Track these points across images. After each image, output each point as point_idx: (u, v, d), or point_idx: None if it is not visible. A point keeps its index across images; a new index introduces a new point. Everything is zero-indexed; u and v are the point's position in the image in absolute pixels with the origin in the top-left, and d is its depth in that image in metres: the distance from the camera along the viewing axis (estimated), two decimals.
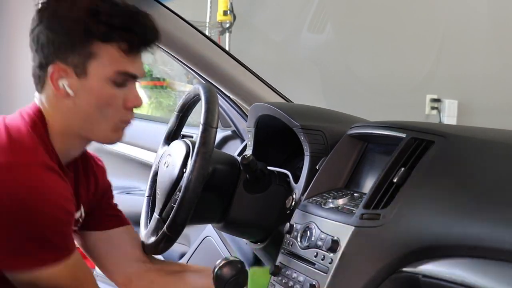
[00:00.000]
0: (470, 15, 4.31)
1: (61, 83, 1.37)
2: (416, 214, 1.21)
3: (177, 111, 1.75)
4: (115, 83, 1.38)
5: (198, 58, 1.96)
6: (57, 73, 1.36)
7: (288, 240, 1.46)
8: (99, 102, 1.38)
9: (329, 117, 1.68)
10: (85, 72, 1.36)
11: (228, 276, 1.46)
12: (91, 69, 1.36)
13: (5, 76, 3.75)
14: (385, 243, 1.23)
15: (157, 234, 1.55)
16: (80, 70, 1.36)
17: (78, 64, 1.35)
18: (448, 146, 1.27)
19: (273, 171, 1.64)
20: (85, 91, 1.37)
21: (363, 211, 1.29)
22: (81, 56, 1.35)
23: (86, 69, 1.36)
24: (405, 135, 1.35)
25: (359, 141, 1.52)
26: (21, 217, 1.28)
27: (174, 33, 1.91)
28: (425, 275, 1.17)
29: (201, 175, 1.47)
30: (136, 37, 1.38)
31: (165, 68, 4.19)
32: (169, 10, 1.89)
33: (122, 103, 1.41)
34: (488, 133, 1.37)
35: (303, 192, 1.52)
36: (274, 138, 1.76)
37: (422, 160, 1.27)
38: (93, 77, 1.36)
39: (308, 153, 1.57)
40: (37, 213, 1.29)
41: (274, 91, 2.03)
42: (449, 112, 4.36)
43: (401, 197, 1.25)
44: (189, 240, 2.46)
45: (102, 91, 1.37)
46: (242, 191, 1.62)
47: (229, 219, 1.62)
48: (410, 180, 1.26)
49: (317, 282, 1.31)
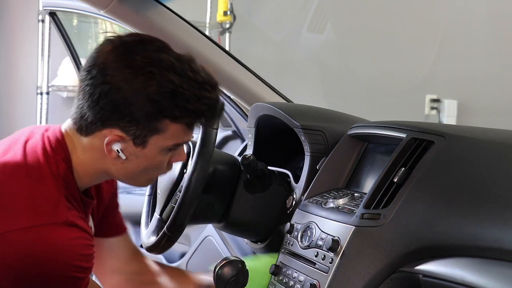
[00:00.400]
0: (469, 15, 4.30)
1: (116, 147, 1.31)
2: (416, 214, 1.21)
3: None
4: (169, 150, 1.35)
5: (198, 58, 1.96)
6: (113, 138, 1.30)
7: (288, 240, 1.46)
8: (148, 166, 1.35)
9: (330, 117, 1.68)
10: (144, 143, 1.31)
11: (229, 276, 1.46)
12: (151, 141, 1.31)
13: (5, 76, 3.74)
14: (386, 243, 1.23)
15: (158, 234, 1.55)
16: (140, 141, 1.30)
17: (140, 136, 1.30)
18: (448, 146, 1.27)
19: (274, 171, 1.65)
20: (138, 157, 1.33)
21: (364, 211, 1.29)
22: (145, 130, 1.29)
23: (146, 141, 1.30)
24: (405, 135, 1.35)
25: (359, 141, 1.52)
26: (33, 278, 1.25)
27: (174, 33, 1.91)
28: (425, 275, 1.17)
29: (202, 175, 1.47)
30: (204, 119, 1.34)
31: None
32: (169, 10, 1.89)
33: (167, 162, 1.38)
34: (487, 133, 1.37)
35: (303, 192, 1.53)
36: (275, 138, 1.76)
37: (422, 160, 1.28)
38: (151, 148, 1.32)
39: (308, 153, 1.57)
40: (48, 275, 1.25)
41: (274, 91, 2.03)
42: (449, 112, 4.35)
43: (401, 197, 1.25)
44: (189, 240, 2.45)
45: (155, 158, 1.34)
46: (243, 191, 1.62)
47: (229, 219, 1.62)
48: (410, 180, 1.26)
49: (318, 282, 1.31)
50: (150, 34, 1.90)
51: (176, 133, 1.32)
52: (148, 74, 1.27)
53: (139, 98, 1.27)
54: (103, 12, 1.81)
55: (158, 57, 1.29)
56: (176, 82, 1.27)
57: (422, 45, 4.34)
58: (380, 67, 4.27)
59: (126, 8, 1.83)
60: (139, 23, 1.88)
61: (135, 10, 1.84)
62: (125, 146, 1.31)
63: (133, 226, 2.83)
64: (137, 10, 1.85)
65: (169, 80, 1.27)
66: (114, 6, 1.80)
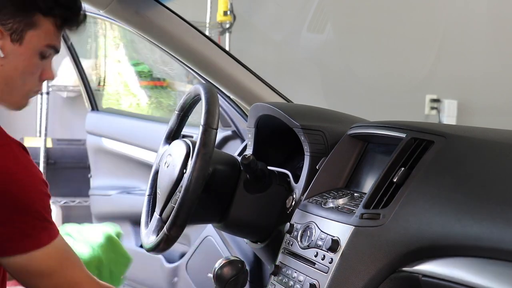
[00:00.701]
0: (469, 15, 4.30)
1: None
2: (416, 213, 1.22)
3: (177, 111, 1.75)
4: (42, 55, 1.43)
5: (198, 58, 1.96)
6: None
7: (288, 239, 1.46)
8: (25, 70, 1.41)
9: (329, 117, 1.68)
10: (21, 38, 1.39)
11: (229, 276, 1.46)
12: (27, 37, 1.39)
13: None
14: (385, 243, 1.23)
15: (158, 234, 1.55)
16: (17, 36, 1.38)
17: (16, 30, 1.38)
18: (447, 146, 1.27)
19: (273, 171, 1.65)
20: (15, 56, 1.40)
21: (363, 211, 1.29)
22: (21, 23, 1.38)
23: (23, 36, 1.39)
24: (405, 135, 1.35)
25: (359, 141, 1.52)
26: (13, 195, 1.29)
27: (174, 33, 1.91)
28: (425, 275, 1.17)
29: (201, 176, 1.47)
30: (72, 16, 1.44)
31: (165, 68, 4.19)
32: (169, 10, 1.89)
33: (39, 74, 1.45)
34: (488, 133, 1.37)
35: (303, 192, 1.53)
36: (274, 138, 1.76)
37: (422, 160, 1.28)
38: (27, 46, 1.40)
39: (308, 153, 1.58)
40: (26, 186, 1.31)
41: (274, 91, 2.03)
42: (449, 112, 4.36)
43: (401, 197, 1.25)
44: (189, 240, 2.46)
45: (31, 60, 1.41)
46: (243, 191, 1.62)
47: (229, 219, 1.62)
48: (410, 180, 1.26)
49: (317, 282, 1.31)
50: (150, 34, 1.92)
51: (48, 31, 1.40)
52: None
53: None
54: (103, 12, 1.81)
55: None
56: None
57: (422, 45, 4.34)
58: (380, 67, 4.27)
59: (126, 8, 1.83)
60: (139, 23, 1.89)
61: (135, 10, 1.85)
62: (3, 43, 1.38)
63: (133, 226, 2.84)
64: (137, 10, 1.85)
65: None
66: (114, 6, 1.80)
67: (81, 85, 3.19)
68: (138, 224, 1.76)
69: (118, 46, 4.17)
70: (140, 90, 4.30)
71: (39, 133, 4.13)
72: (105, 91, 4.14)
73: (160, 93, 4.33)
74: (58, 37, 1.45)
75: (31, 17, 1.38)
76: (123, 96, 4.33)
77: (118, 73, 4.28)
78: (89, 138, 3.12)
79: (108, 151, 3.01)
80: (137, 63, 4.22)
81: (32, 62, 1.42)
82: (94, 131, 3.08)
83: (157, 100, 4.38)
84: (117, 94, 4.29)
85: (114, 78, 4.26)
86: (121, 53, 4.20)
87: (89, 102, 3.17)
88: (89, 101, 3.17)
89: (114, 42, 4.14)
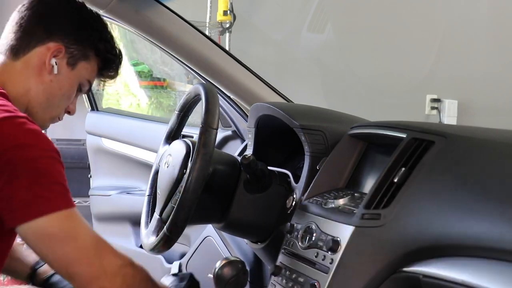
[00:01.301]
0: (470, 15, 4.30)
1: (54, 60, 1.53)
2: (417, 214, 1.21)
3: (177, 111, 1.75)
4: (79, 87, 1.60)
5: (198, 58, 1.96)
6: (55, 52, 1.54)
7: (288, 240, 1.46)
8: (66, 93, 1.57)
9: (330, 117, 1.68)
10: (74, 65, 1.57)
11: (229, 276, 1.46)
12: (79, 66, 1.57)
13: None
14: (386, 243, 1.23)
15: (157, 234, 1.55)
16: (72, 61, 1.56)
17: (74, 57, 1.56)
18: (448, 146, 1.27)
19: (274, 171, 1.64)
20: (64, 78, 1.56)
21: (364, 211, 1.29)
22: (80, 52, 1.56)
23: (76, 63, 1.57)
24: (405, 135, 1.35)
25: (359, 141, 1.52)
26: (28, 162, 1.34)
27: (174, 33, 1.91)
28: (425, 275, 1.17)
29: (201, 176, 1.47)
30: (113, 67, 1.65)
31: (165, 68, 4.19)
32: (169, 10, 1.89)
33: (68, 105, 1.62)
34: (488, 133, 1.37)
35: (303, 192, 1.52)
36: (275, 138, 1.76)
37: (423, 160, 1.27)
38: (76, 73, 1.57)
39: (308, 153, 1.57)
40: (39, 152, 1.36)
41: (274, 91, 2.03)
42: (449, 112, 4.36)
43: (401, 197, 1.25)
44: (189, 240, 2.46)
45: (73, 87, 1.59)
46: (243, 191, 1.62)
47: (229, 219, 1.62)
48: (410, 180, 1.26)
49: (318, 282, 1.31)
50: (150, 34, 1.92)
51: (92, 69, 1.61)
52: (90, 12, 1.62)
53: (86, 21, 1.60)
54: (103, 12, 1.81)
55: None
56: (106, 26, 1.64)
57: (422, 45, 4.35)
58: (380, 67, 4.27)
59: (126, 8, 1.83)
60: (139, 23, 1.89)
61: (135, 10, 1.84)
62: (60, 62, 1.55)
63: (133, 226, 2.84)
64: (137, 10, 1.85)
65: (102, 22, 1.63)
66: (114, 6, 1.80)
67: None
68: (138, 224, 1.76)
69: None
70: (140, 90, 4.30)
71: None
72: (105, 91, 4.14)
73: (160, 93, 4.33)
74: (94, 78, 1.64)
75: (89, 51, 1.58)
76: (123, 96, 4.34)
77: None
78: (89, 138, 3.11)
79: (108, 151, 3.01)
80: (137, 63, 4.22)
81: (73, 89, 1.59)
82: (94, 131, 3.08)
83: (157, 100, 4.38)
84: (117, 94, 4.29)
85: None
86: None
87: (88, 102, 3.17)
88: (89, 101, 3.17)
89: None
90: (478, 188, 1.18)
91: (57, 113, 1.60)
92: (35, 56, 1.53)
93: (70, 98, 1.59)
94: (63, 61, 1.55)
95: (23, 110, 1.49)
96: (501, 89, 4.25)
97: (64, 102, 1.59)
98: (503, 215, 1.10)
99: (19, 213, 1.33)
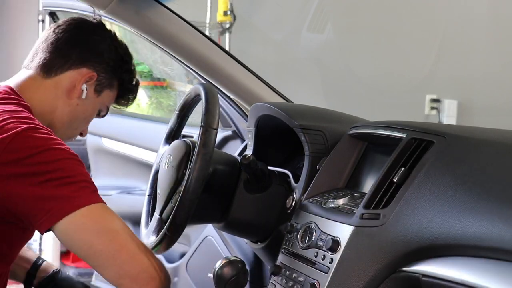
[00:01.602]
0: (470, 15, 4.30)
1: (85, 86, 1.59)
2: (416, 213, 1.22)
3: (178, 111, 1.75)
4: (98, 112, 1.67)
5: (198, 58, 1.96)
6: (88, 78, 1.59)
7: (288, 240, 1.46)
8: (87, 117, 1.65)
9: (329, 117, 1.68)
10: (100, 92, 1.63)
11: (229, 276, 1.46)
12: (104, 93, 1.64)
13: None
14: (385, 243, 1.23)
15: (158, 234, 1.55)
16: (99, 88, 1.63)
17: (102, 84, 1.62)
18: (448, 146, 1.27)
19: (274, 171, 1.65)
20: (89, 103, 1.63)
21: (363, 211, 1.29)
22: (107, 80, 1.63)
23: (102, 91, 1.63)
24: (405, 135, 1.35)
25: (359, 141, 1.52)
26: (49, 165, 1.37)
27: (174, 33, 1.91)
28: (425, 275, 1.17)
29: (201, 176, 1.47)
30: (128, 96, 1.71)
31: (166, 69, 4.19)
32: (169, 10, 1.89)
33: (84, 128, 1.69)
34: (487, 133, 1.37)
35: (303, 192, 1.53)
36: (275, 138, 1.76)
37: (422, 160, 1.28)
38: (100, 100, 1.64)
39: (308, 153, 1.57)
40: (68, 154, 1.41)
41: (274, 91, 2.03)
42: (449, 112, 4.35)
43: (401, 197, 1.25)
44: (189, 240, 2.46)
45: (94, 112, 1.66)
46: (243, 191, 1.62)
47: (229, 219, 1.62)
48: (410, 180, 1.26)
49: (318, 282, 1.31)
50: (150, 34, 1.92)
51: (113, 97, 1.68)
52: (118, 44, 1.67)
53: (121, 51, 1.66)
54: (103, 12, 1.81)
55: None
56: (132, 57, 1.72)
57: (422, 45, 4.34)
58: (380, 67, 4.27)
59: (126, 8, 1.83)
60: (139, 23, 1.89)
61: (135, 10, 1.85)
62: (89, 88, 1.61)
63: (133, 226, 2.84)
64: (137, 10, 1.85)
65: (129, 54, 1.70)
66: (114, 6, 1.80)
67: None
68: (138, 224, 1.76)
69: None
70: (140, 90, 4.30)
71: None
72: None
73: (160, 93, 4.33)
74: (110, 104, 1.70)
75: (114, 80, 1.65)
76: None
77: None
78: (89, 138, 3.12)
79: (108, 151, 3.01)
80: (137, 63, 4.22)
81: (94, 114, 1.67)
82: (94, 131, 3.08)
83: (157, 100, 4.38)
84: None
85: None
86: None
87: None
88: None
89: None
90: (477, 188, 1.18)
91: (74, 134, 1.67)
92: (67, 78, 1.58)
93: (89, 122, 1.67)
94: (92, 87, 1.61)
95: (45, 126, 1.51)
96: (501, 89, 4.25)
97: (83, 125, 1.67)
98: (502, 215, 1.10)
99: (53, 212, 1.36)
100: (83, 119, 1.64)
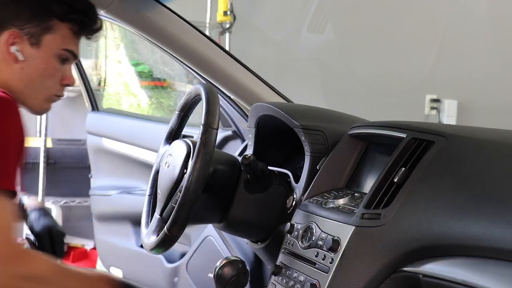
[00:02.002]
0: (469, 15, 4.30)
1: (14, 48, 1.49)
2: (417, 213, 1.22)
3: (178, 111, 1.75)
4: (60, 58, 1.53)
5: (198, 58, 1.97)
6: (12, 39, 1.48)
7: (288, 240, 1.46)
8: (44, 72, 1.52)
9: (330, 117, 1.68)
10: (39, 42, 1.50)
11: (229, 276, 1.46)
12: (45, 41, 1.50)
13: None
14: (386, 243, 1.23)
15: (158, 234, 1.55)
16: (35, 40, 1.50)
17: (34, 34, 1.49)
18: (448, 146, 1.27)
19: (274, 171, 1.65)
20: (34, 59, 1.51)
21: (364, 211, 1.29)
22: (38, 28, 1.49)
23: (40, 40, 1.50)
24: (405, 135, 1.35)
25: (359, 141, 1.52)
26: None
27: (174, 33, 1.91)
28: (425, 275, 1.17)
29: (202, 176, 1.47)
30: (88, 22, 1.56)
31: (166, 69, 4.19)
32: (169, 10, 1.89)
33: (59, 79, 1.55)
34: (488, 133, 1.37)
35: (303, 192, 1.53)
36: (275, 138, 1.76)
37: (423, 160, 1.28)
38: (45, 49, 1.51)
39: (308, 153, 1.58)
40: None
41: (274, 91, 2.03)
42: (449, 112, 4.36)
43: (401, 197, 1.25)
44: (190, 240, 2.46)
45: (49, 62, 1.52)
46: (243, 191, 1.62)
47: (229, 219, 1.62)
48: (410, 180, 1.26)
49: (318, 282, 1.31)
50: (151, 34, 1.92)
51: (65, 36, 1.52)
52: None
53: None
54: (104, 12, 1.81)
55: None
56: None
57: (422, 45, 4.34)
58: (380, 67, 4.27)
59: (126, 8, 1.83)
60: (139, 23, 1.89)
61: (136, 10, 1.85)
62: (22, 46, 1.49)
63: (133, 226, 2.84)
64: (138, 10, 1.85)
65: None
66: (114, 6, 1.80)
67: (81, 85, 3.19)
68: (138, 224, 1.76)
69: (118, 46, 4.18)
70: (140, 90, 4.31)
71: (39, 133, 4.13)
72: (105, 91, 4.14)
73: (160, 93, 4.33)
74: (76, 43, 1.55)
75: (48, 22, 1.50)
76: (123, 96, 4.34)
77: (119, 73, 4.29)
78: (89, 138, 3.12)
79: (108, 151, 3.01)
80: (137, 64, 4.22)
81: (51, 65, 1.52)
82: (94, 131, 3.08)
83: (158, 100, 4.38)
84: (118, 94, 4.30)
85: (114, 78, 4.26)
86: (121, 53, 4.20)
87: (89, 102, 3.17)
88: (90, 101, 3.17)
89: (114, 42, 4.15)
90: (478, 188, 1.18)
91: (49, 92, 1.54)
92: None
93: (52, 75, 1.53)
94: (25, 44, 1.49)
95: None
96: (500, 89, 4.25)
97: (48, 81, 1.53)
98: (502, 214, 1.10)
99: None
100: (40, 77, 1.51)
